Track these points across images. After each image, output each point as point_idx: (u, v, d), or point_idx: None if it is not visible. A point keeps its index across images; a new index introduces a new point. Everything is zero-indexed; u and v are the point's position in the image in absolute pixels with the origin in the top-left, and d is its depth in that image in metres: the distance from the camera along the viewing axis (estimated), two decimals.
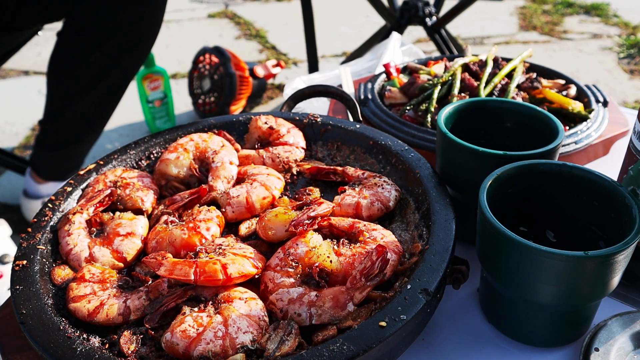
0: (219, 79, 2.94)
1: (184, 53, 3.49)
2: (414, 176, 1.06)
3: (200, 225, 0.99)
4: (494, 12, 4.37)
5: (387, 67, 1.61)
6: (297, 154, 1.20)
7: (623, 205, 0.87)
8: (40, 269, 0.94)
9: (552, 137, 1.04)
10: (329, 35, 3.98)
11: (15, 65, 3.65)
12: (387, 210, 1.03)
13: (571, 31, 4.02)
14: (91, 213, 1.05)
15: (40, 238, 1.00)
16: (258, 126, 1.24)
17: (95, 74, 1.96)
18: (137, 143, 1.23)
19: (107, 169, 1.16)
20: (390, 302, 0.80)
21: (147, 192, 1.10)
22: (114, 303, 0.87)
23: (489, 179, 0.92)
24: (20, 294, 0.88)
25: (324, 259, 0.88)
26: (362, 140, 1.20)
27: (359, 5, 3.70)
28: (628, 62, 3.52)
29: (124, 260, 0.98)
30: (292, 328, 0.80)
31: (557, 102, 1.42)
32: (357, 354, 0.73)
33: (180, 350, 0.78)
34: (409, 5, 2.84)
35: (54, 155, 2.21)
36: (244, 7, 4.73)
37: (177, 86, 3.38)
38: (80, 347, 0.79)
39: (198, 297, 0.87)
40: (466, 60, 1.55)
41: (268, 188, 1.08)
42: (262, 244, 0.98)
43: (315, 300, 0.83)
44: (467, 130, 1.13)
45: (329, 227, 0.96)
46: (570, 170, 0.94)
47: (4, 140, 2.96)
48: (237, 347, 0.78)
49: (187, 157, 1.16)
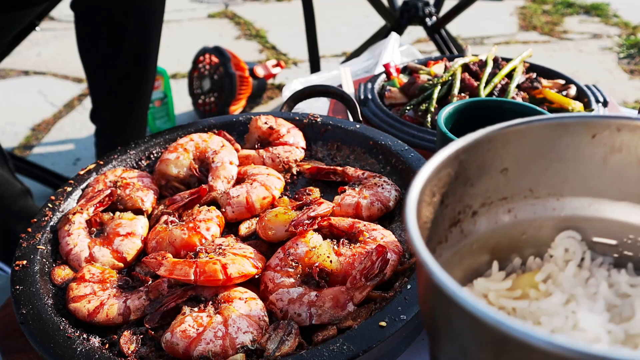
0: (219, 79, 2.94)
1: (184, 53, 3.48)
2: (413, 176, 1.06)
3: (200, 225, 0.99)
4: (494, 12, 4.37)
5: (387, 67, 1.61)
6: (297, 154, 1.20)
7: None
8: (40, 269, 0.94)
9: None
10: (329, 35, 3.98)
11: (15, 65, 3.65)
12: (387, 210, 1.03)
13: (571, 31, 4.02)
14: (91, 213, 1.05)
15: (40, 238, 1.00)
16: (258, 126, 1.24)
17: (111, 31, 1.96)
18: (137, 143, 1.23)
19: (107, 169, 1.16)
20: (390, 302, 0.80)
21: (147, 192, 1.10)
22: (114, 303, 0.87)
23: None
24: (20, 294, 0.88)
25: (324, 259, 0.88)
26: (362, 140, 1.20)
27: (359, 5, 3.70)
28: (628, 62, 3.52)
29: (124, 260, 0.98)
30: (292, 328, 0.80)
31: (557, 102, 1.42)
32: (357, 354, 0.73)
33: (180, 350, 0.78)
34: (408, 5, 2.84)
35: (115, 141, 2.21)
36: (244, 7, 4.72)
37: (177, 86, 3.38)
38: (80, 347, 0.79)
39: (198, 297, 0.87)
40: (466, 60, 1.55)
41: (268, 188, 1.08)
42: (262, 244, 0.98)
43: (315, 300, 0.83)
44: (467, 130, 1.12)
45: (329, 227, 0.96)
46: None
47: (4, 140, 2.96)
48: (237, 347, 0.78)
49: (187, 157, 1.16)
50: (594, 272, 0.57)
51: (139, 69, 2.07)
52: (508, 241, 0.62)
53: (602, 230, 0.60)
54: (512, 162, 0.58)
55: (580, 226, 0.60)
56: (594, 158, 0.57)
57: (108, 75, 2.07)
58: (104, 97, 2.16)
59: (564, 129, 0.56)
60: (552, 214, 0.60)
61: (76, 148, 2.92)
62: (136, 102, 2.17)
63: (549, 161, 0.58)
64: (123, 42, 1.98)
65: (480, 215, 0.60)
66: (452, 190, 0.56)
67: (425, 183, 0.52)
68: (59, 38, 4.03)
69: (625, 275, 0.56)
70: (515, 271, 0.62)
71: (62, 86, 3.48)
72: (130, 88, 2.12)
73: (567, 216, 0.60)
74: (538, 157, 0.58)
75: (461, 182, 0.56)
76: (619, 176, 0.57)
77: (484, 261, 0.61)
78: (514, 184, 0.59)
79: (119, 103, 2.14)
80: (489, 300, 0.56)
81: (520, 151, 0.57)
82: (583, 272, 0.56)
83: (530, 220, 0.61)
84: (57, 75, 3.58)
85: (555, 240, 0.60)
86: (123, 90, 2.12)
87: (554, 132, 0.57)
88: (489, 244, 0.61)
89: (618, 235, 0.60)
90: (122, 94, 2.13)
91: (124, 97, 2.13)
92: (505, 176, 0.58)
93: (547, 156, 0.58)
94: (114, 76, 2.07)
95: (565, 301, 0.53)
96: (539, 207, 0.60)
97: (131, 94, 2.14)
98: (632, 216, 0.58)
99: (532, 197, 0.60)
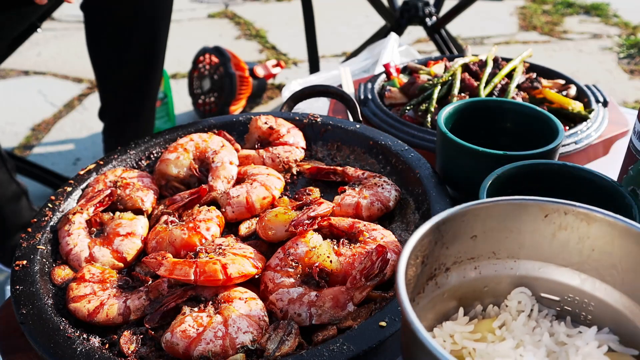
0: (219, 79, 2.94)
1: (184, 53, 3.48)
2: (414, 176, 1.06)
3: (200, 225, 0.99)
4: (494, 12, 4.37)
5: (387, 67, 1.61)
6: (297, 154, 1.20)
7: (623, 206, 0.87)
8: (40, 269, 0.94)
9: (552, 137, 1.04)
10: (329, 35, 3.98)
11: (15, 65, 3.65)
12: (387, 210, 1.03)
13: (571, 31, 4.02)
14: (91, 213, 1.05)
15: (40, 238, 1.00)
16: (258, 126, 1.24)
17: (120, 30, 1.96)
18: (137, 143, 1.23)
19: (107, 169, 1.16)
20: (390, 302, 0.80)
21: (147, 192, 1.10)
22: (114, 303, 0.87)
23: (489, 178, 0.92)
24: (20, 294, 0.88)
25: (324, 259, 0.88)
26: (362, 140, 1.20)
27: (359, 5, 3.70)
28: (628, 62, 3.52)
29: (124, 260, 0.98)
30: (292, 328, 0.80)
31: (557, 102, 1.42)
32: (357, 354, 0.73)
33: (180, 350, 0.78)
34: (408, 5, 2.84)
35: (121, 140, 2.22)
36: (244, 7, 4.72)
37: (177, 86, 3.38)
38: (80, 347, 0.79)
39: (198, 297, 0.87)
40: (466, 60, 1.55)
41: (268, 188, 1.08)
42: (262, 244, 0.98)
43: (315, 300, 0.83)
44: (467, 130, 1.13)
45: (329, 227, 0.96)
46: (570, 170, 0.94)
47: (4, 140, 2.96)
48: (237, 347, 0.78)
49: (187, 157, 1.16)
50: (539, 322, 0.70)
51: (148, 68, 2.08)
52: (473, 292, 0.75)
53: (548, 288, 0.74)
54: (480, 231, 0.71)
55: (531, 284, 0.74)
56: (545, 232, 0.71)
57: (117, 74, 2.08)
58: (112, 96, 2.17)
59: (523, 208, 0.70)
60: (509, 272, 0.74)
61: (76, 148, 2.92)
62: (145, 100, 2.18)
63: (509, 232, 0.72)
64: (132, 42, 1.98)
65: (452, 271, 0.73)
66: (431, 252, 0.69)
67: (412, 250, 0.63)
68: (59, 38, 4.03)
69: (564, 327, 0.68)
70: (477, 316, 0.74)
71: (62, 86, 3.48)
72: (139, 87, 2.13)
73: (521, 275, 0.74)
74: (501, 228, 0.72)
75: (439, 246, 0.69)
76: (564, 248, 0.71)
77: (452, 306, 0.74)
78: (480, 247, 0.73)
79: (128, 101, 2.15)
80: (454, 340, 0.67)
81: (487, 223, 0.71)
82: (531, 322, 0.69)
83: (492, 276, 0.74)
84: (57, 75, 3.59)
85: (511, 294, 0.73)
86: (132, 88, 2.12)
87: (515, 210, 0.70)
88: (457, 293, 0.74)
89: (560, 293, 0.73)
90: (131, 92, 2.13)
91: (133, 95, 2.14)
92: (474, 241, 0.72)
93: (509, 228, 0.72)
94: (123, 75, 2.07)
95: (515, 346, 0.64)
96: (499, 266, 0.74)
97: (140, 92, 2.15)
98: (572, 280, 0.72)
99: (494, 258, 0.74)
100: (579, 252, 0.70)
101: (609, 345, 0.66)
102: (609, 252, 0.68)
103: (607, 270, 0.69)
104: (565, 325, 0.69)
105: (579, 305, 0.73)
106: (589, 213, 0.67)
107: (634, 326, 0.67)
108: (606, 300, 0.70)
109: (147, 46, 2.01)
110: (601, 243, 0.68)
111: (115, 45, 2.00)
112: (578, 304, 0.73)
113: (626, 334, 0.68)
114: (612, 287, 0.69)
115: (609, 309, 0.70)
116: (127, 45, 1.98)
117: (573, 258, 0.71)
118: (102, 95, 2.19)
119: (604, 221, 0.67)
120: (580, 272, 0.72)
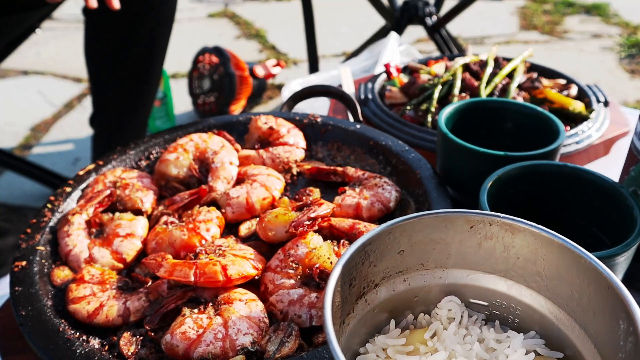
0: (218, 79, 2.93)
1: (184, 53, 3.48)
2: (414, 177, 1.06)
3: (200, 226, 0.98)
4: (494, 12, 4.37)
5: (387, 67, 1.60)
6: (297, 155, 1.20)
7: (624, 207, 0.87)
8: (39, 270, 0.94)
9: (553, 138, 1.03)
10: (329, 35, 3.97)
11: (15, 65, 3.64)
12: (387, 211, 1.03)
13: (572, 31, 4.01)
14: (91, 214, 1.05)
15: (40, 239, 0.99)
16: (258, 126, 1.23)
17: (119, 39, 1.95)
18: (137, 143, 1.23)
19: (107, 169, 1.16)
20: None
21: (146, 193, 1.10)
22: (113, 304, 0.87)
23: (490, 179, 0.91)
24: (19, 296, 0.88)
25: (324, 260, 0.87)
26: (363, 141, 1.19)
27: (359, 5, 3.69)
28: (629, 62, 3.52)
29: (124, 261, 0.98)
30: (293, 330, 0.80)
31: (558, 102, 1.41)
32: None
33: (180, 352, 0.78)
34: (409, 5, 2.83)
35: None
36: (244, 7, 4.72)
37: (177, 86, 3.38)
38: (79, 348, 0.79)
39: (198, 298, 0.87)
40: (467, 60, 1.54)
41: (268, 189, 1.08)
42: (262, 245, 0.98)
43: (315, 302, 0.83)
44: (467, 130, 1.13)
45: (329, 228, 0.96)
46: (571, 171, 0.94)
47: (4, 140, 2.96)
48: (237, 348, 0.77)
49: (187, 157, 1.15)
50: (470, 329, 0.71)
51: (144, 77, 2.06)
52: (403, 303, 0.76)
53: (477, 294, 0.76)
54: (407, 245, 0.72)
55: (460, 290, 0.76)
56: (471, 242, 0.73)
57: (112, 81, 2.06)
58: (104, 106, 2.14)
59: (449, 221, 0.71)
60: (438, 282, 0.76)
61: (75, 148, 2.92)
62: (138, 110, 2.16)
63: (436, 244, 0.73)
64: (130, 49, 1.97)
65: (381, 286, 0.73)
66: (359, 273, 0.69)
67: (338, 279, 0.63)
68: (58, 38, 4.03)
69: (493, 332, 0.71)
70: (408, 326, 0.75)
71: (62, 86, 3.47)
72: (134, 95, 2.11)
73: (450, 283, 0.76)
74: (428, 241, 0.73)
75: (366, 266, 0.70)
76: (490, 256, 0.73)
77: (383, 318, 0.75)
78: (408, 261, 0.74)
79: (121, 109, 2.13)
80: (387, 354, 0.69)
81: (414, 237, 0.72)
82: (461, 330, 0.71)
83: (421, 286, 0.76)
84: (56, 75, 3.58)
85: (441, 302, 0.75)
86: (126, 96, 2.11)
87: (442, 223, 0.71)
88: (388, 306, 0.75)
89: (489, 299, 0.76)
90: (125, 100, 2.12)
91: (126, 104, 2.12)
92: (402, 255, 0.73)
93: (435, 240, 0.73)
94: (118, 83, 2.06)
95: (448, 357, 0.66)
96: (428, 277, 0.76)
97: (134, 101, 2.13)
98: (499, 286, 0.74)
99: (422, 269, 0.75)
100: (505, 260, 0.72)
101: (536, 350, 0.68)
102: (533, 260, 0.70)
103: (532, 277, 0.71)
104: (494, 331, 0.71)
105: (506, 310, 0.75)
106: (513, 224, 0.69)
107: (558, 330, 0.69)
108: (532, 305, 0.72)
109: (146, 54, 2.00)
110: (525, 252, 0.70)
111: (113, 50, 1.99)
112: (506, 308, 0.75)
113: (551, 337, 0.70)
114: (537, 293, 0.71)
115: (535, 314, 0.72)
116: (126, 51, 1.97)
117: (499, 266, 0.73)
118: (94, 102, 2.17)
119: (528, 231, 0.68)
120: (507, 279, 0.73)
